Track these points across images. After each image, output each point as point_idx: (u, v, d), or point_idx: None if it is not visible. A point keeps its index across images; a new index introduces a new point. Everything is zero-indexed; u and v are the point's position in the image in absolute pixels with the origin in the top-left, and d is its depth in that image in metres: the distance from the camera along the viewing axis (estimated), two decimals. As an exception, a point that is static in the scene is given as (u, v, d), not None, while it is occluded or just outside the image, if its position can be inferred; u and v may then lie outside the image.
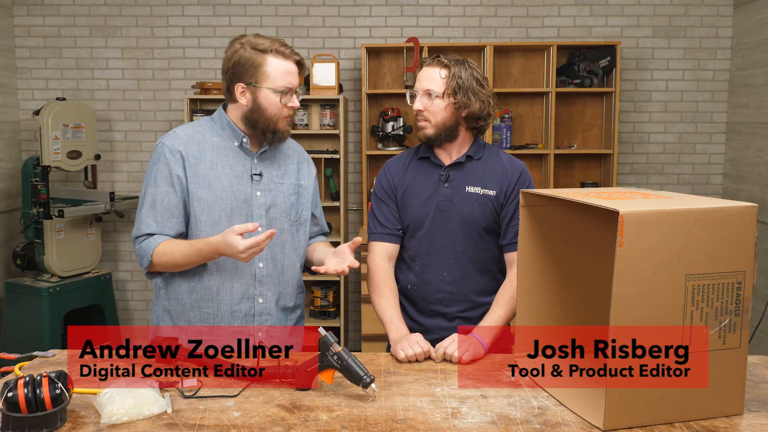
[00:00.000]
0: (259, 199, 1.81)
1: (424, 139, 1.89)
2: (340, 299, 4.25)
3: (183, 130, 1.82)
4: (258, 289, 1.83)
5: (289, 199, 1.87)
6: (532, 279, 1.59)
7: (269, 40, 1.74)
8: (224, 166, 1.79)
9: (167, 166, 1.76)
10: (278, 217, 1.84)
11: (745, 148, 4.10)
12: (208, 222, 1.77)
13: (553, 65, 4.08)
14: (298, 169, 1.92)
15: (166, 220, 1.76)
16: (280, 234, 1.84)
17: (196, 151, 1.78)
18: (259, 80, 1.73)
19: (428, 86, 1.83)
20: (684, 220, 1.23)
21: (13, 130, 4.37)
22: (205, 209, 1.76)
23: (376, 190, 2.00)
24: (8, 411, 1.22)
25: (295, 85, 1.76)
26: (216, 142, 1.81)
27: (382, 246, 1.93)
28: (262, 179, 1.82)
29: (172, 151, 1.76)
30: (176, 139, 1.78)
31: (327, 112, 4.24)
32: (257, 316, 1.84)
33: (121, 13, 4.36)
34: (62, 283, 3.93)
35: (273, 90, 1.73)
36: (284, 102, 1.75)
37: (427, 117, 1.85)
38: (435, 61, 1.85)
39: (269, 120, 1.76)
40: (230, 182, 1.78)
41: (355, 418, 1.31)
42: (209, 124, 1.84)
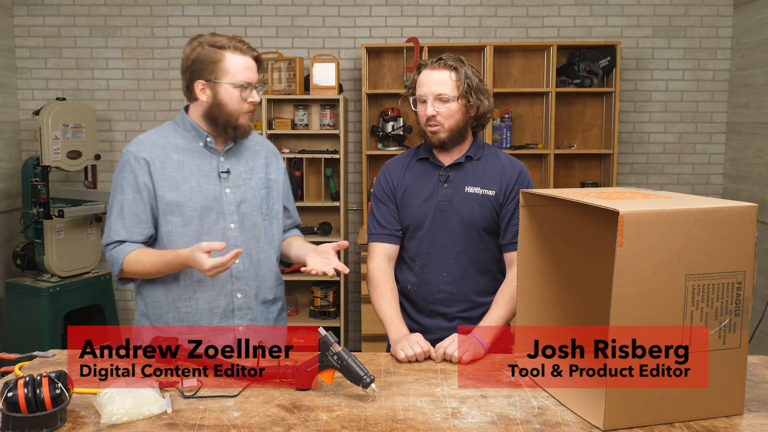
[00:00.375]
0: (228, 196, 1.83)
1: (438, 143, 1.87)
2: (340, 299, 4.25)
3: (146, 136, 1.84)
4: (235, 284, 1.84)
5: (260, 194, 1.89)
6: (532, 279, 1.59)
7: (226, 38, 1.77)
8: (191, 166, 1.81)
9: (133, 174, 1.78)
10: (250, 212, 1.86)
11: (745, 148, 4.10)
12: (179, 223, 1.79)
13: (553, 65, 4.08)
14: (267, 164, 1.94)
15: (135, 226, 1.79)
16: (253, 228, 1.87)
17: (162, 155, 1.80)
18: (219, 76, 1.75)
19: (440, 90, 1.81)
20: (684, 220, 1.23)
21: (13, 130, 4.37)
22: (175, 210, 1.79)
23: (375, 190, 2.00)
24: (8, 411, 1.22)
25: (254, 80, 1.79)
26: (181, 144, 1.83)
27: (382, 247, 1.93)
28: (230, 176, 1.84)
29: (137, 159, 1.79)
30: (140, 146, 1.81)
31: (327, 112, 4.24)
32: (237, 311, 1.85)
33: (121, 13, 4.36)
34: (62, 283, 3.93)
35: (233, 85, 1.75)
36: (244, 96, 1.77)
37: (441, 121, 1.83)
38: (441, 64, 1.83)
39: (230, 115, 1.78)
40: (198, 182, 1.80)
41: (355, 418, 1.31)
42: (172, 127, 1.87)
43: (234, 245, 1.80)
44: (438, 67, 1.83)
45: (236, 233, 1.83)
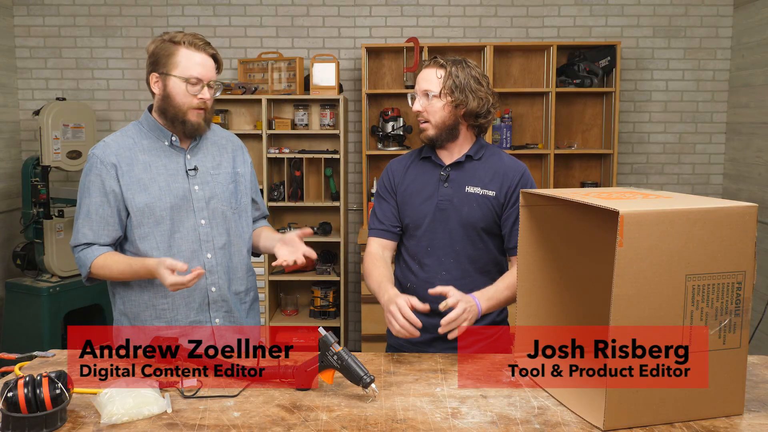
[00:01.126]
0: (197, 193, 1.85)
1: (426, 140, 1.90)
2: (340, 299, 4.25)
3: (112, 139, 1.85)
4: (209, 279, 1.86)
5: (228, 188, 1.91)
6: (532, 279, 1.59)
7: (185, 34, 1.78)
8: (158, 166, 1.83)
9: (99, 178, 1.80)
10: (219, 207, 1.88)
11: (745, 148, 4.10)
12: (150, 223, 1.80)
13: (553, 65, 4.08)
14: (234, 158, 1.96)
15: (102, 229, 1.81)
16: (223, 222, 1.89)
17: (128, 158, 1.81)
18: (170, 69, 1.76)
19: (426, 87, 1.86)
20: (684, 220, 1.23)
21: (13, 130, 4.37)
22: (145, 212, 1.80)
23: (378, 188, 2.02)
24: (8, 411, 1.22)
25: (206, 77, 1.78)
26: (146, 144, 1.84)
27: (378, 240, 1.96)
28: (198, 173, 1.86)
29: (104, 163, 1.80)
30: (106, 149, 1.82)
31: (327, 112, 4.24)
32: (212, 304, 1.88)
33: (121, 13, 4.37)
34: (62, 283, 3.92)
35: (181, 78, 1.76)
36: (191, 91, 1.77)
37: (427, 117, 1.87)
38: (432, 62, 1.88)
39: (177, 109, 1.79)
40: (166, 181, 1.82)
41: (355, 418, 1.31)
42: (137, 128, 1.88)
43: (205, 240, 1.85)
44: (430, 65, 1.87)
45: (207, 229, 1.86)
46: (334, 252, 4.38)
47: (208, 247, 1.85)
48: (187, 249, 1.83)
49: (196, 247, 1.84)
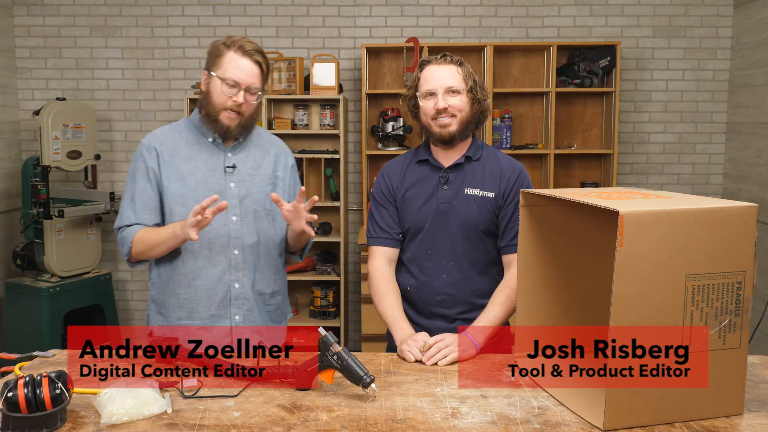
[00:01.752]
0: (233, 190, 1.91)
1: (448, 137, 1.86)
2: (340, 299, 4.25)
3: (160, 131, 1.96)
4: (234, 275, 1.91)
5: (264, 190, 1.95)
6: (532, 279, 1.59)
7: (241, 39, 1.85)
8: (198, 160, 1.90)
9: (144, 163, 1.89)
10: (253, 207, 1.93)
11: (745, 148, 4.10)
12: (182, 213, 1.85)
13: (553, 65, 4.08)
14: (275, 161, 2.00)
15: (144, 212, 1.88)
16: (255, 222, 1.93)
17: (172, 148, 1.90)
18: (215, 69, 1.84)
19: (450, 83, 1.84)
20: (684, 220, 1.23)
21: (13, 130, 4.37)
22: (178, 201, 1.87)
23: (375, 194, 1.99)
24: (8, 411, 1.22)
25: (244, 82, 1.82)
26: (191, 138, 1.93)
27: (383, 250, 1.94)
28: (236, 171, 1.92)
29: (149, 149, 1.90)
30: (153, 138, 1.93)
31: (327, 112, 4.24)
32: (234, 300, 1.92)
33: (121, 13, 4.37)
34: (62, 283, 3.93)
35: (220, 78, 1.82)
36: (226, 93, 1.82)
37: (454, 113, 1.85)
38: (446, 60, 1.86)
39: (212, 107, 1.84)
40: (204, 175, 1.89)
41: (355, 418, 1.31)
42: (186, 124, 1.96)
43: (234, 237, 1.91)
44: (444, 62, 1.86)
45: (237, 226, 1.90)
46: (334, 252, 4.38)
47: (236, 244, 1.90)
48: (216, 243, 1.89)
49: (225, 242, 1.89)
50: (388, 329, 1.86)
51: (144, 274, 4.57)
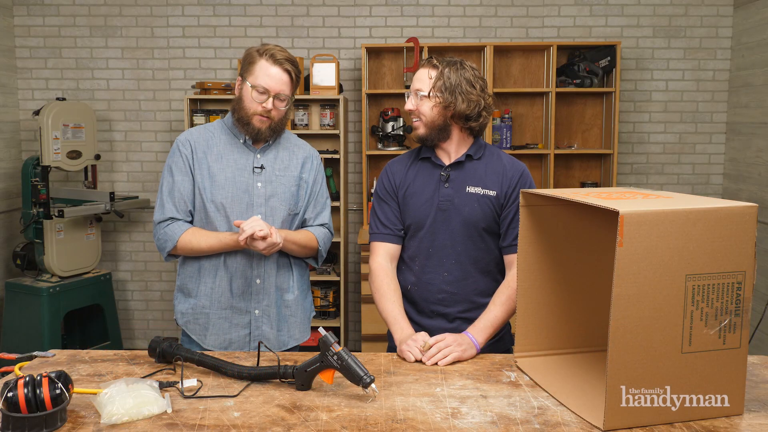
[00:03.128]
0: (260, 189, 1.97)
1: (416, 138, 1.93)
2: (340, 299, 4.25)
3: (195, 129, 2.04)
4: (256, 270, 1.98)
5: (290, 190, 2.01)
6: (532, 279, 1.59)
7: (274, 47, 1.92)
8: (229, 160, 1.98)
9: (181, 158, 1.97)
10: (278, 206, 1.99)
11: (745, 148, 4.10)
12: (211, 208, 1.94)
13: (553, 65, 4.08)
14: (302, 164, 2.06)
15: (183, 205, 1.96)
16: (279, 221, 1.99)
17: (205, 146, 1.98)
18: (247, 75, 1.92)
19: (417, 86, 1.89)
20: (684, 220, 1.23)
21: (13, 130, 4.37)
22: (208, 197, 1.94)
23: (377, 190, 2.01)
24: (8, 411, 1.22)
25: (274, 90, 1.89)
26: (224, 139, 2.01)
27: (384, 246, 1.94)
28: (264, 171, 1.99)
29: (184, 144, 1.98)
30: (189, 134, 2.01)
31: (327, 112, 4.25)
32: (255, 295, 1.99)
33: (121, 13, 4.37)
34: (62, 283, 3.93)
35: (252, 86, 1.89)
36: (257, 99, 1.89)
37: (418, 116, 1.90)
38: (427, 63, 1.90)
39: (244, 112, 1.93)
40: (233, 174, 1.96)
41: (355, 418, 1.31)
42: (220, 124, 2.05)
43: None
44: (425, 65, 1.90)
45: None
46: (334, 252, 4.38)
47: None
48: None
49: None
50: (389, 329, 1.86)
51: (144, 274, 4.57)
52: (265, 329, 2.00)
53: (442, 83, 1.85)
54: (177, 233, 1.92)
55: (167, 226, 1.94)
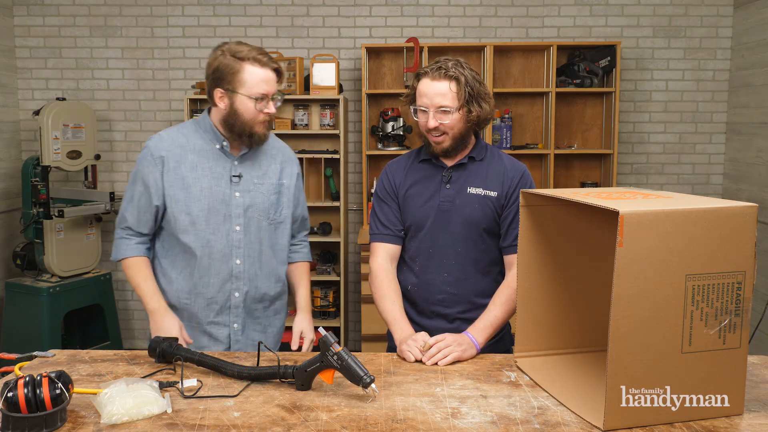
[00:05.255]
0: (237, 199, 1.90)
1: (441, 152, 1.87)
2: (340, 299, 4.25)
3: (168, 133, 1.92)
4: (234, 284, 1.93)
5: (269, 199, 1.95)
6: (532, 279, 1.59)
7: (248, 48, 1.81)
8: (204, 168, 1.89)
9: (147, 170, 1.89)
10: (256, 217, 1.93)
11: (745, 148, 4.10)
12: (186, 221, 1.87)
13: (553, 65, 4.08)
14: (281, 169, 2.00)
15: (142, 215, 1.91)
16: (258, 232, 1.94)
17: (178, 154, 1.88)
18: (236, 86, 1.80)
19: (442, 102, 1.79)
20: (684, 220, 1.23)
21: (13, 130, 4.37)
22: (183, 209, 1.87)
23: (377, 190, 2.00)
24: (8, 411, 1.22)
25: (271, 92, 1.84)
26: (199, 144, 1.90)
27: (384, 247, 1.94)
28: (242, 180, 1.91)
29: (153, 156, 1.88)
30: (160, 142, 1.90)
31: (327, 112, 4.25)
32: (233, 308, 1.95)
33: (121, 13, 4.37)
34: (62, 283, 3.92)
35: (248, 96, 1.80)
36: (259, 108, 1.82)
37: (444, 131, 1.82)
38: (441, 74, 1.80)
39: (245, 124, 1.84)
40: (209, 183, 1.88)
41: (355, 418, 1.31)
42: (194, 126, 1.94)
43: (237, 247, 1.92)
44: (438, 77, 1.80)
45: (240, 235, 1.91)
46: (334, 252, 4.38)
47: (238, 253, 1.91)
48: (218, 252, 1.90)
49: (227, 251, 1.90)
50: (389, 329, 1.86)
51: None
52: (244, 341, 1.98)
53: (467, 93, 1.79)
54: (123, 254, 1.92)
55: (120, 239, 1.94)
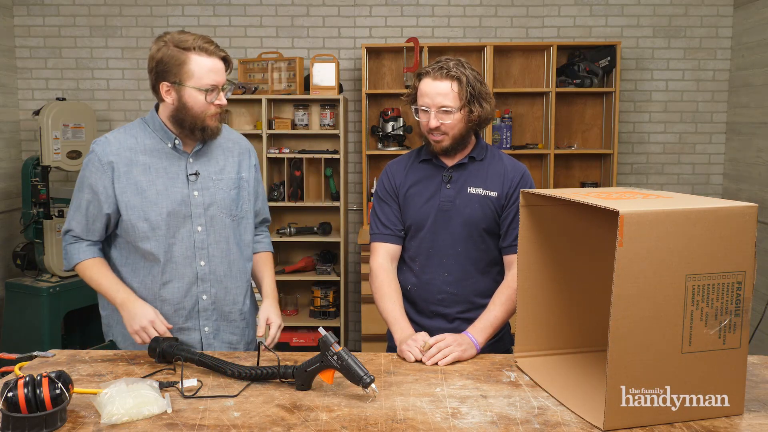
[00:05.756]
0: (197, 198, 1.80)
1: (441, 151, 1.87)
2: (340, 299, 4.25)
3: (114, 136, 1.79)
4: (201, 287, 1.83)
5: (229, 195, 1.85)
6: (532, 279, 1.59)
7: (193, 37, 1.69)
8: (158, 169, 1.77)
9: (95, 177, 1.76)
10: (218, 215, 1.83)
11: (745, 148, 4.10)
12: (145, 227, 1.76)
13: (553, 65, 4.08)
14: (239, 162, 1.89)
15: (91, 224, 1.80)
16: (222, 230, 1.84)
17: (128, 158, 1.76)
18: (183, 79, 1.68)
19: (443, 102, 1.80)
20: (684, 220, 1.23)
21: (13, 130, 4.37)
22: (140, 215, 1.75)
23: (378, 190, 2.00)
24: (8, 411, 1.22)
25: (220, 82, 1.72)
26: (149, 144, 1.78)
27: (385, 246, 1.94)
28: (199, 178, 1.80)
29: (101, 162, 1.75)
30: (107, 146, 1.76)
31: (327, 112, 4.24)
32: (202, 312, 1.85)
33: (121, 13, 4.37)
34: (62, 283, 3.92)
35: (197, 89, 1.69)
36: (210, 100, 1.71)
37: (445, 131, 1.83)
38: (443, 74, 1.80)
39: (195, 118, 1.72)
40: (165, 185, 1.77)
41: (355, 418, 1.31)
42: (142, 126, 1.81)
43: (200, 248, 1.81)
44: (440, 77, 1.80)
45: (203, 236, 1.81)
46: (334, 252, 4.38)
47: (202, 255, 1.81)
48: (181, 255, 1.79)
49: (190, 254, 1.80)
50: (389, 329, 1.86)
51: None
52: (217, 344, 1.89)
53: (468, 93, 1.79)
54: (75, 259, 1.81)
55: (69, 245, 1.82)
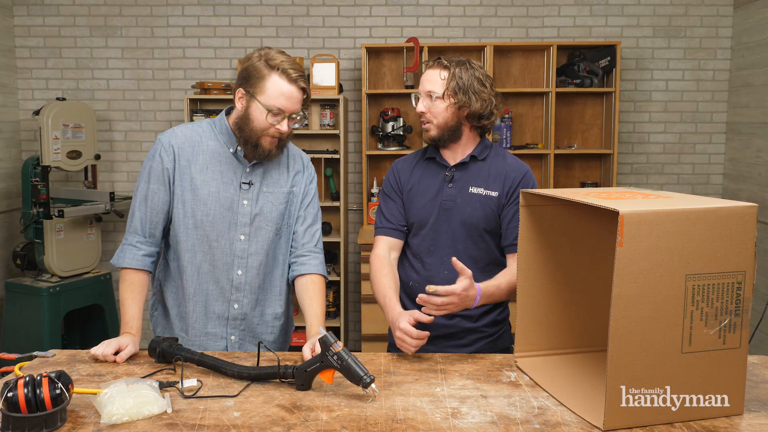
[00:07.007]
0: (245, 207, 1.81)
1: (429, 140, 1.92)
2: (340, 299, 4.25)
3: (181, 130, 1.83)
4: (234, 295, 1.84)
5: (278, 208, 1.86)
6: (532, 279, 1.59)
7: (283, 59, 1.72)
8: (214, 171, 1.80)
9: (160, 163, 1.79)
10: (264, 227, 1.84)
11: (745, 148, 4.10)
12: (189, 225, 1.79)
13: (553, 65, 4.08)
14: (293, 177, 1.90)
15: (154, 216, 1.81)
16: (264, 242, 1.84)
17: (190, 153, 1.80)
18: (256, 92, 1.72)
19: (429, 88, 1.86)
20: (684, 220, 1.23)
21: (13, 130, 4.37)
22: (188, 212, 1.79)
23: (384, 187, 2.04)
24: (8, 411, 1.22)
25: (290, 110, 1.74)
26: (212, 146, 1.82)
27: (386, 239, 1.96)
28: (251, 188, 1.82)
29: (167, 149, 1.79)
30: (173, 137, 1.81)
31: (327, 112, 4.25)
32: (231, 320, 1.85)
33: (121, 13, 4.37)
34: (62, 283, 3.92)
35: (264, 105, 1.71)
36: (270, 121, 1.72)
37: (430, 119, 1.88)
38: (436, 63, 1.88)
39: (252, 132, 1.74)
40: (217, 188, 1.79)
41: (355, 418, 1.31)
42: (209, 127, 1.85)
43: (240, 257, 1.82)
44: (434, 66, 1.88)
45: (245, 245, 1.82)
46: (334, 252, 4.38)
47: (240, 264, 1.82)
48: (221, 261, 1.81)
49: (229, 260, 1.81)
50: (389, 329, 1.86)
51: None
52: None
53: (455, 84, 1.83)
54: (123, 262, 1.79)
55: (128, 245, 1.81)
